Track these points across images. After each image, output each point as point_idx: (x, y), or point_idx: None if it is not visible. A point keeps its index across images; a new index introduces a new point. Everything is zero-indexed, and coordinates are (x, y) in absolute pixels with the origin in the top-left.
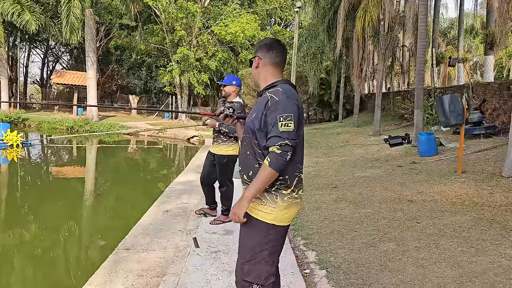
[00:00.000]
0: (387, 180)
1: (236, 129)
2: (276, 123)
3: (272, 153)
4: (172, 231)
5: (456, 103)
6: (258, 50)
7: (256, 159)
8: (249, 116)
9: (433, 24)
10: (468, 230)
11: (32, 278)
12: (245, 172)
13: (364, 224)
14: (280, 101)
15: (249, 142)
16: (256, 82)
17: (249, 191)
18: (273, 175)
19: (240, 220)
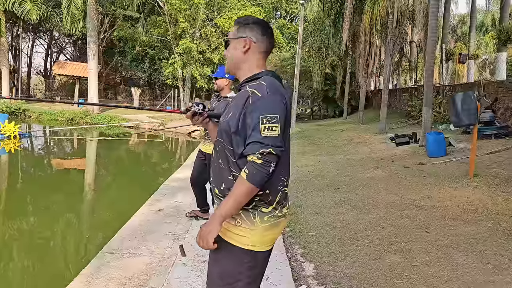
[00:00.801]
0: (393, 182)
1: (209, 131)
2: (258, 126)
3: (251, 164)
4: (162, 233)
5: (470, 101)
6: (248, 29)
7: (230, 170)
8: (224, 115)
9: (444, 19)
10: (483, 243)
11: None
12: (216, 185)
13: (368, 232)
14: (263, 98)
15: (222, 148)
16: (235, 70)
17: (221, 209)
18: (252, 191)
19: (209, 246)
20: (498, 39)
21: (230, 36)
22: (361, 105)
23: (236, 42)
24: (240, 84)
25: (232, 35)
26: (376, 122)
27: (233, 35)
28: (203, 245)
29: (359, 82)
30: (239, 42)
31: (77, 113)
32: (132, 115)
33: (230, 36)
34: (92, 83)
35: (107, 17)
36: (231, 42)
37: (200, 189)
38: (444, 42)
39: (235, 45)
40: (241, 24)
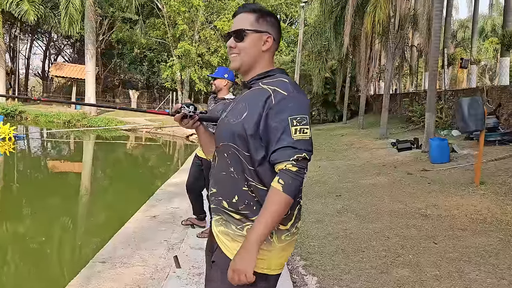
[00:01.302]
0: (396, 189)
1: (198, 135)
2: (288, 128)
3: (285, 172)
4: (157, 241)
5: (477, 107)
6: (269, 23)
7: (245, 179)
8: (232, 116)
9: (445, 24)
10: (495, 256)
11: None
12: (225, 197)
13: (373, 243)
14: (290, 97)
15: (235, 153)
16: (247, 67)
17: (255, 233)
18: (289, 203)
19: (249, 280)
20: (502, 44)
21: (248, 27)
22: (362, 109)
23: (255, 36)
24: (250, 80)
25: (250, 25)
26: (376, 127)
27: (251, 25)
28: (241, 279)
29: (359, 87)
30: (259, 37)
31: (74, 115)
32: (129, 117)
33: (247, 26)
34: (90, 85)
35: (106, 19)
36: (248, 35)
37: (196, 196)
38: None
39: (254, 39)
40: (260, 13)
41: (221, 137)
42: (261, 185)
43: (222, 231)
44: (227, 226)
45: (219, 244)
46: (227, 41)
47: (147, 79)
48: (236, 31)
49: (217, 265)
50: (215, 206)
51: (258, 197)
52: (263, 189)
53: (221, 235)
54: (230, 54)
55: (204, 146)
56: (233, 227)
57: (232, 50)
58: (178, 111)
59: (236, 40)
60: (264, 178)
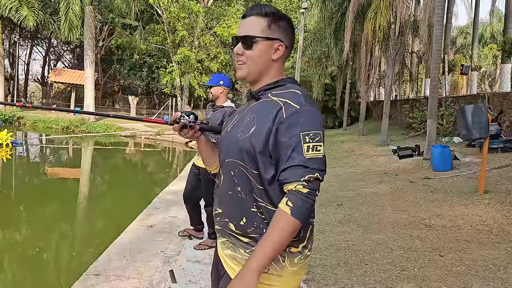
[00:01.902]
0: (399, 198)
1: (199, 147)
2: (300, 145)
3: (294, 194)
4: (153, 253)
5: (481, 114)
6: (281, 29)
7: (253, 199)
8: (239, 130)
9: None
10: (504, 270)
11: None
12: (231, 219)
13: (377, 255)
14: (302, 111)
15: (242, 171)
16: (256, 76)
17: (257, 259)
18: (297, 228)
19: None
20: (503, 51)
21: (258, 33)
22: (362, 116)
23: (266, 44)
24: (258, 91)
25: (261, 32)
26: (377, 133)
27: (262, 32)
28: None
29: (359, 93)
30: (270, 45)
31: (72, 121)
32: (128, 124)
33: (257, 32)
34: (89, 91)
35: (106, 25)
36: (258, 42)
37: (193, 206)
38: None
39: (264, 48)
40: (273, 18)
41: (226, 152)
42: (271, 206)
43: (229, 255)
44: (234, 249)
45: (227, 269)
46: (235, 45)
47: (147, 85)
48: (245, 37)
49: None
50: (220, 227)
51: (267, 219)
52: (274, 209)
53: (228, 259)
54: (237, 62)
55: (205, 157)
56: (241, 250)
57: (239, 58)
58: (177, 121)
59: (245, 47)
60: (274, 198)
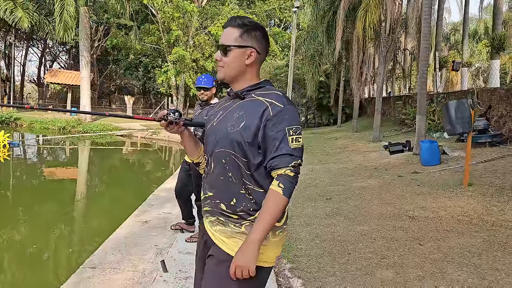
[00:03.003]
0: (386, 192)
1: (183, 140)
2: (286, 138)
3: (284, 177)
4: (147, 246)
5: (464, 109)
6: (253, 37)
7: (242, 183)
8: (228, 124)
9: (436, 27)
10: (478, 256)
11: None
12: (222, 200)
13: (360, 245)
14: (285, 110)
15: (233, 159)
16: (232, 79)
17: (256, 232)
18: (286, 205)
19: (252, 274)
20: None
21: (232, 43)
22: (355, 113)
23: (238, 51)
24: (241, 91)
25: (234, 40)
26: (370, 130)
27: (235, 40)
28: (244, 275)
29: (353, 90)
30: (242, 52)
31: (69, 121)
32: (124, 123)
33: (231, 41)
34: (85, 91)
35: (101, 25)
36: (231, 50)
37: (184, 201)
38: (437, 50)
39: (237, 54)
40: (245, 29)
41: (217, 143)
42: (258, 188)
43: (219, 230)
44: (224, 225)
45: (216, 241)
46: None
47: (143, 84)
48: (222, 46)
49: (215, 257)
50: (210, 208)
51: (254, 199)
52: (260, 191)
53: (217, 233)
54: (217, 66)
55: (189, 150)
56: (231, 225)
57: (218, 63)
58: (164, 118)
59: (222, 54)
60: (260, 181)
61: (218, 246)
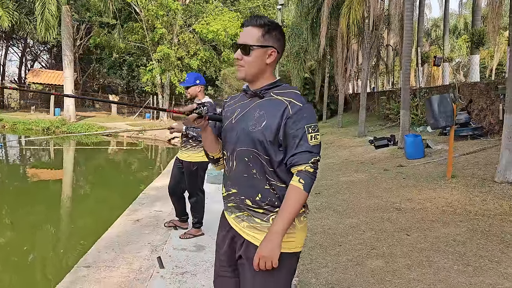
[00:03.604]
0: (373, 185)
1: (205, 134)
2: (305, 135)
3: (305, 173)
4: (141, 244)
5: (446, 104)
6: (274, 38)
7: (266, 179)
8: (249, 123)
9: (418, 23)
10: (463, 244)
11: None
12: (247, 196)
13: (349, 237)
14: (304, 108)
15: (256, 157)
16: (252, 77)
17: (279, 225)
18: (306, 199)
19: (275, 265)
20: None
21: (254, 42)
22: (340, 108)
23: (260, 51)
24: (259, 90)
25: (256, 40)
26: (355, 125)
27: (257, 40)
28: (268, 266)
29: (337, 86)
30: (264, 52)
31: (53, 122)
32: (110, 123)
33: (253, 41)
34: (68, 91)
35: (83, 24)
36: (254, 49)
37: (178, 198)
38: (419, 45)
39: (259, 54)
40: (267, 28)
41: (237, 142)
42: (280, 183)
43: (247, 226)
44: (250, 220)
45: (247, 237)
46: (235, 51)
47: (127, 83)
48: (243, 45)
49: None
50: (235, 204)
51: (278, 193)
52: (282, 186)
53: (246, 229)
54: (237, 65)
55: (210, 145)
56: (258, 220)
57: (239, 62)
58: (192, 111)
59: (243, 53)
60: (282, 177)
61: (250, 243)
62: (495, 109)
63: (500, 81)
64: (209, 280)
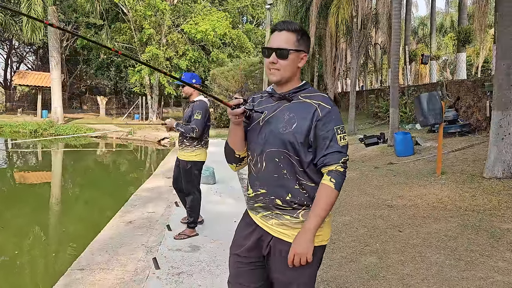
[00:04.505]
0: (364, 183)
1: (237, 131)
2: (335, 137)
3: (336, 173)
4: (134, 246)
5: (435, 101)
6: (305, 42)
7: (296, 179)
8: (279, 125)
9: (405, 21)
10: (454, 240)
11: None
12: (278, 196)
13: (343, 234)
14: (333, 110)
15: (287, 158)
16: (285, 80)
17: (312, 222)
18: (335, 197)
19: (309, 260)
20: (458, 40)
21: (291, 47)
22: None
23: (296, 55)
24: (287, 93)
25: (292, 44)
26: (345, 123)
27: (293, 45)
28: (303, 261)
29: (327, 85)
30: (298, 56)
31: (40, 124)
32: (98, 124)
33: (290, 45)
34: (56, 92)
35: (70, 24)
36: (291, 53)
37: (183, 194)
38: (406, 44)
39: (294, 57)
40: (300, 34)
41: (266, 143)
42: (310, 182)
43: (276, 223)
44: (280, 218)
45: (276, 235)
46: (267, 55)
47: (115, 84)
48: (280, 49)
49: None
50: (264, 204)
51: (308, 193)
52: (312, 185)
53: (276, 227)
54: (270, 69)
55: (240, 143)
56: (287, 217)
57: (274, 66)
58: (238, 105)
59: (279, 57)
60: (312, 176)
61: (281, 240)
62: (482, 106)
63: (487, 79)
64: (205, 280)
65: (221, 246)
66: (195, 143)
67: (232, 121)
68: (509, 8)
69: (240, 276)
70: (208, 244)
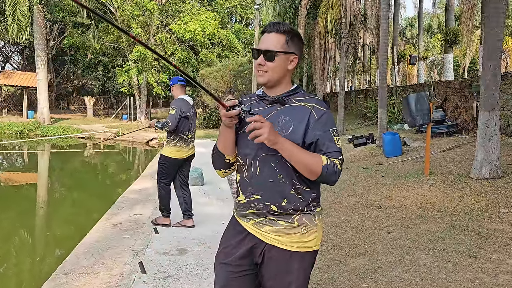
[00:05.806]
0: (353, 184)
1: (228, 134)
2: (332, 138)
3: (333, 162)
4: (121, 249)
5: (423, 102)
6: (295, 44)
7: (292, 184)
8: (276, 129)
9: (393, 22)
10: (442, 241)
11: None
12: (273, 202)
13: (332, 236)
14: (327, 113)
15: (282, 162)
16: (274, 83)
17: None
18: (315, 173)
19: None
20: (445, 41)
21: (279, 48)
22: None
23: (284, 57)
24: (282, 96)
25: (281, 46)
26: None
27: (281, 47)
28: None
29: (316, 86)
30: (287, 58)
31: (26, 125)
32: (86, 125)
33: (278, 47)
34: (42, 93)
35: (56, 24)
36: (278, 56)
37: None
38: (395, 44)
39: (282, 60)
40: (290, 35)
41: (262, 147)
42: (306, 187)
43: (271, 230)
44: (274, 224)
45: (270, 242)
46: (256, 57)
47: (103, 84)
48: (267, 51)
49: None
50: (257, 210)
51: (303, 197)
52: (307, 190)
53: (270, 234)
54: (258, 71)
55: (230, 146)
56: (282, 222)
57: (261, 68)
58: (233, 107)
59: (267, 59)
60: (307, 181)
61: (275, 247)
62: (469, 107)
63: (474, 79)
64: (192, 284)
65: (209, 249)
66: (172, 139)
67: (225, 124)
68: (495, 10)
69: (231, 286)
70: (195, 247)
